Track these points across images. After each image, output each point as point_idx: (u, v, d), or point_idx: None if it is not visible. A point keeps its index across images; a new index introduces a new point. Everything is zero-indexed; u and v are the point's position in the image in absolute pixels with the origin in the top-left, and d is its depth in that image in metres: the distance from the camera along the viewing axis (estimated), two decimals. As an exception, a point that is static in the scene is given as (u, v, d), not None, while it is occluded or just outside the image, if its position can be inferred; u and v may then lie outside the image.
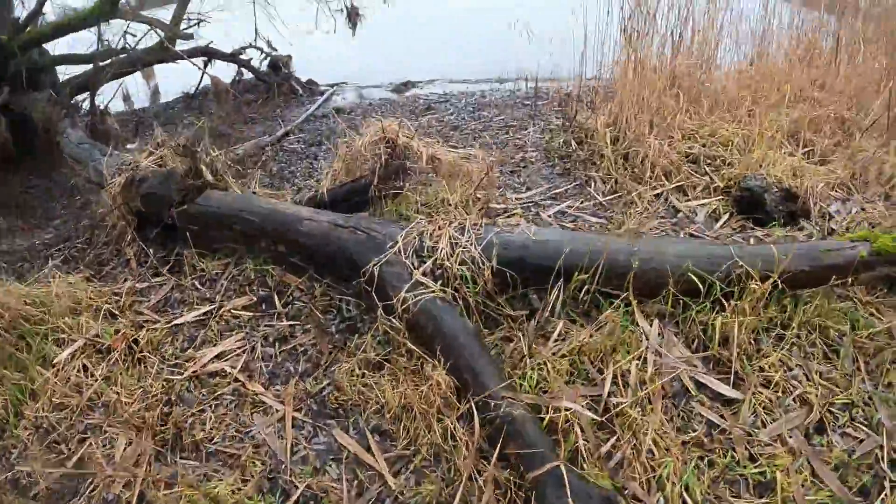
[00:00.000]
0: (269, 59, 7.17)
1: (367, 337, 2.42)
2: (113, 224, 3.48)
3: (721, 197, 3.29)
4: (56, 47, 6.22)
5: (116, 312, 2.78)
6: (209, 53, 6.72)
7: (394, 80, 7.16)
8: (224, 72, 7.15)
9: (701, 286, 2.30)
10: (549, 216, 3.14)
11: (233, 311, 2.71)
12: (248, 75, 7.18)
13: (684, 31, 4.29)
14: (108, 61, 5.84)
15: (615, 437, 2.02)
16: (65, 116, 4.88)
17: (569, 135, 4.13)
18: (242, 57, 6.99)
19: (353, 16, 7.11)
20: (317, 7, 7.08)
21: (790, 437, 2.04)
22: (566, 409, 2.00)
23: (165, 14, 7.20)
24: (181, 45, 6.48)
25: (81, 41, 6.53)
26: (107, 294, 2.92)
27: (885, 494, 1.88)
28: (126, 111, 7.71)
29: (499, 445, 1.90)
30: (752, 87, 4.21)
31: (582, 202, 3.30)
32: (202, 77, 6.81)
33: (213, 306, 2.75)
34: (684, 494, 1.89)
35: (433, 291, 2.25)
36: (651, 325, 2.31)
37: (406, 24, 8.98)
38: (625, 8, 4.35)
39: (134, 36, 6.71)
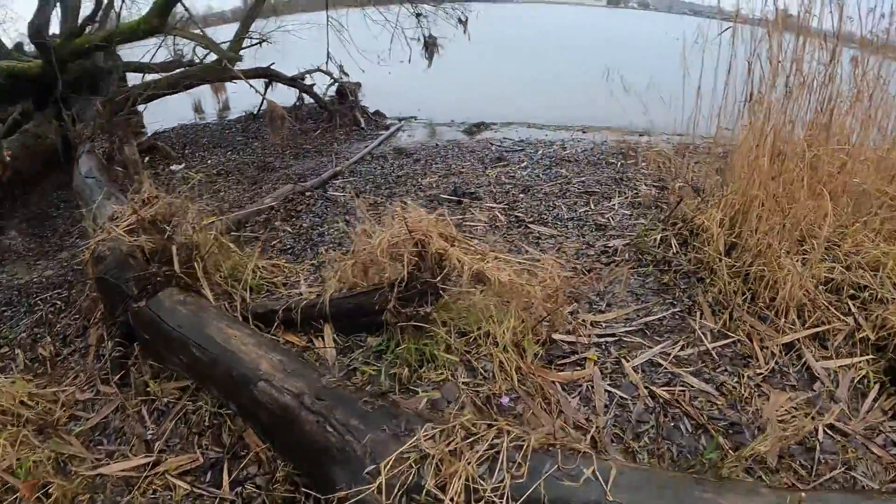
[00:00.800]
0: (336, 85, 6.62)
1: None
2: (88, 292, 2.87)
3: (870, 356, 2.33)
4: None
5: (38, 439, 2.09)
6: (270, 75, 6.23)
7: (467, 118, 6.45)
8: (287, 96, 6.68)
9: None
10: (636, 369, 2.23)
11: (169, 474, 1.95)
12: (310, 100, 6.65)
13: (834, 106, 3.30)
14: (149, 78, 5.43)
15: None
16: (86, 138, 4.37)
17: (668, 228, 3.19)
18: (307, 81, 6.45)
19: (429, 46, 6.44)
20: (392, 34, 6.45)
21: None
22: None
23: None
24: (241, 66, 6.02)
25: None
26: (42, 401, 2.29)
27: None
28: (187, 125, 7.42)
29: None
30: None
31: (683, 347, 2.36)
32: (262, 100, 6.31)
33: (148, 459, 2.02)
34: None
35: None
36: None
37: (486, 60, 8.29)
38: (754, 70, 3.40)
39: (205, 48, 6.33)
